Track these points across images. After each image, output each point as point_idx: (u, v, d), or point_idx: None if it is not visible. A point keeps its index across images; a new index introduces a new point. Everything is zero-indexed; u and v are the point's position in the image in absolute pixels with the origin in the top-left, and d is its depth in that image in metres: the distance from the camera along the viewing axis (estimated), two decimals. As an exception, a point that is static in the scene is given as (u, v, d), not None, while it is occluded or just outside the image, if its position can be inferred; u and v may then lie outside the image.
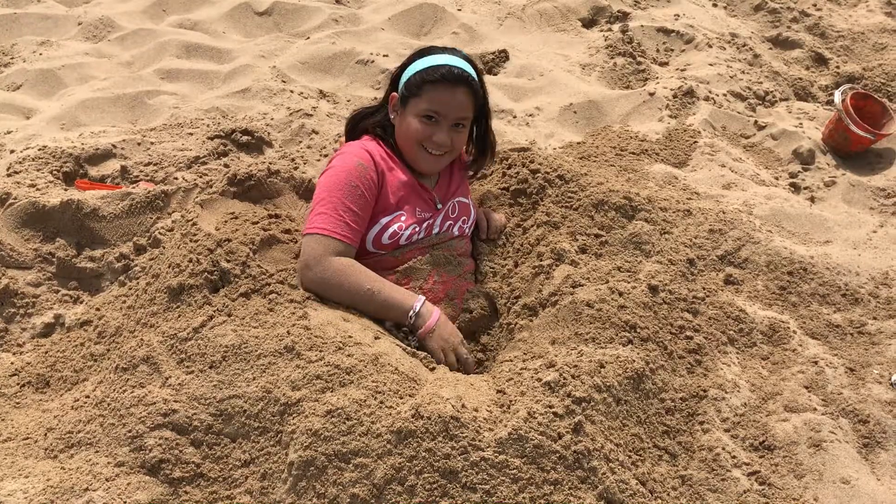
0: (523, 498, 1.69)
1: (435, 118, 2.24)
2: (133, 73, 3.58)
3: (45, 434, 1.95)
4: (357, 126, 2.44)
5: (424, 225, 2.31)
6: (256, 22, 4.07)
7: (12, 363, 2.21)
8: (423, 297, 2.17)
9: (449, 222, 2.39)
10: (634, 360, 2.01)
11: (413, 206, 2.30)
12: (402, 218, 2.26)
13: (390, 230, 2.24)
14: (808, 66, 4.01)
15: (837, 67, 3.94)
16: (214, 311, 2.04)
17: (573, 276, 2.29)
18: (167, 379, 1.92)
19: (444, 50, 2.32)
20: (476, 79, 2.29)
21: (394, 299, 2.12)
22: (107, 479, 1.79)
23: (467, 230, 2.46)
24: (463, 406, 1.80)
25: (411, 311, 2.12)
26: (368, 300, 2.10)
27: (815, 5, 4.38)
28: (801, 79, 3.84)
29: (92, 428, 1.91)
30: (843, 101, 3.16)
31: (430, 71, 2.23)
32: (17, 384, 2.15)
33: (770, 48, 4.12)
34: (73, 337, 2.28)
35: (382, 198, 2.25)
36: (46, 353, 2.24)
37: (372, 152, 2.27)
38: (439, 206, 2.38)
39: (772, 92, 3.68)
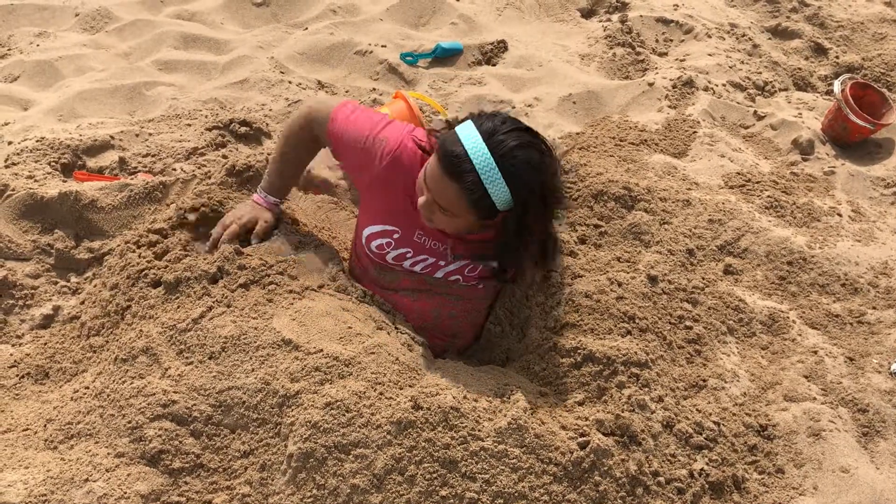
0: (523, 487, 1.70)
1: (426, 185, 1.91)
2: (131, 64, 3.57)
3: (45, 425, 1.95)
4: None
5: (421, 257, 2.10)
6: (254, 13, 4.05)
7: (11, 354, 2.21)
8: (276, 200, 2.23)
9: (458, 276, 2.13)
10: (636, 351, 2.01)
11: (413, 228, 2.08)
12: (397, 236, 2.08)
13: (376, 242, 2.10)
14: (808, 56, 3.99)
15: (837, 57, 3.93)
16: (214, 302, 2.04)
17: (572, 267, 2.29)
18: (167, 370, 1.92)
19: (493, 133, 1.83)
20: (483, 183, 1.79)
21: (267, 177, 2.24)
22: (107, 470, 1.79)
23: (480, 285, 2.18)
24: (464, 397, 1.81)
25: (259, 194, 2.23)
26: (271, 162, 2.25)
27: (814, -6, 4.36)
28: (800, 69, 3.83)
29: (91, 419, 1.91)
30: (843, 90, 3.15)
31: (447, 140, 1.84)
32: (17, 375, 2.15)
33: (769, 38, 4.11)
34: (71, 328, 2.28)
35: (378, 199, 2.10)
36: (45, 344, 2.23)
37: (403, 157, 2.03)
38: (452, 257, 2.10)
39: (771, 82, 3.66)
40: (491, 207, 1.84)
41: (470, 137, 1.81)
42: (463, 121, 1.91)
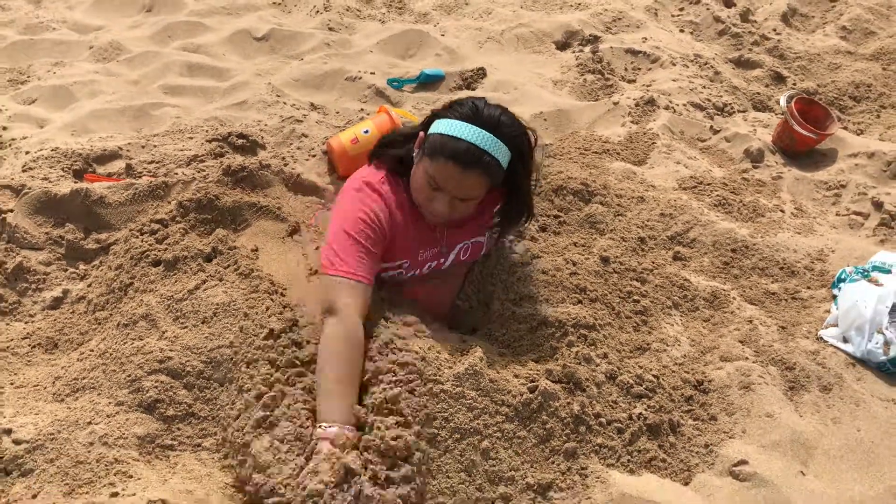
0: (477, 424, 1.90)
1: (438, 187, 2.10)
2: (139, 88, 3.88)
3: (53, 382, 2.16)
4: (383, 149, 2.32)
5: (426, 266, 2.32)
6: (255, 46, 4.39)
7: (24, 328, 2.44)
8: (339, 431, 1.80)
9: (453, 262, 2.37)
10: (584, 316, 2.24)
11: (416, 252, 2.27)
12: (405, 265, 2.27)
13: (388, 273, 2.28)
14: (767, 83, 4.29)
15: (794, 84, 4.23)
16: (207, 277, 2.28)
17: (532, 251, 2.53)
18: (164, 333, 2.15)
19: (477, 112, 2.09)
20: (496, 157, 2.05)
21: (323, 399, 1.89)
22: (108, 416, 1.99)
23: (469, 259, 2.41)
24: (429, 348, 2.03)
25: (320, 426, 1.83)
26: (319, 380, 1.94)
27: (774, 30, 4.69)
28: (759, 93, 4.12)
29: (95, 375, 2.12)
30: (789, 105, 3.44)
31: (447, 142, 2.05)
32: (29, 345, 2.36)
33: (732, 68, 4.41)
34: (79, 307, 2.51)
35: (388, 246, 2.23)
36: (55, 320, 2.46)
37: (386, 198, 2.20)
38: (445, 250, 2.32)
39: (730, 104, 3.94)
40: (501, 173, 2.11)
41: (464, 128, 2.05)
42: (432, 120, 2.17)
